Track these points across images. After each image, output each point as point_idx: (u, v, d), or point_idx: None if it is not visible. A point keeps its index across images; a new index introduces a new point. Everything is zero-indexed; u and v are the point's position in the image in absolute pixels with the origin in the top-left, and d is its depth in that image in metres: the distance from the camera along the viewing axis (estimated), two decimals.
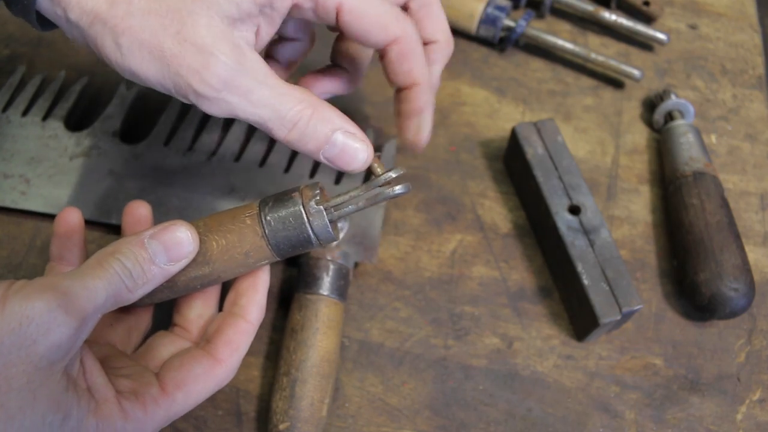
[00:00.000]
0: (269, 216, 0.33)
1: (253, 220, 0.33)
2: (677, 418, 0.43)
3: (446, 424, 0.42)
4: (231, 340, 0.36)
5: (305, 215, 0.33)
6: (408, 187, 0.33)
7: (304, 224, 0.33)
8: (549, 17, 0.61)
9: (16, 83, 0.53)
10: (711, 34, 0.61)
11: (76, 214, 0.37)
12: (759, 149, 0.55)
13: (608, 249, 0.44)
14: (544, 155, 0.48)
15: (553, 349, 0.45)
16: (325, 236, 0.33)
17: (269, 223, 0.33)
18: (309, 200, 0.33)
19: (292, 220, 0.33)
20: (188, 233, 0.33)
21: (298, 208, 0.33)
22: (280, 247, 0.33)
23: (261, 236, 0.33)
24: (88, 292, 0.29)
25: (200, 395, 0.35)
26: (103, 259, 0.31)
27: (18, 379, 0.27)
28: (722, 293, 0.43)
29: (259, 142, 0.51)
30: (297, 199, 0.33)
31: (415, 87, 0.37)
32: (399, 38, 0.35)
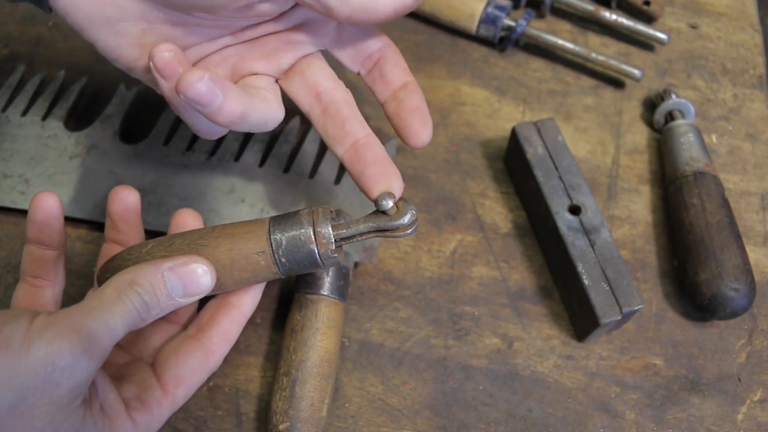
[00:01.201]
0: (278, 234, 0.33)
1: (262, 242, 0.33)
2: (678, 418, 0.43)
3: (446, 424, 0.42)
4: (225, 330, 0.36)
5: (315, 244, 0.33)
6: (415, 229, 0.34)
7: (313, 252, 0.33)
8: (549, 17, 0.61)
9: (15, 83, 0.53)
10: (711, 34, 0.61)
11: (134, 195, 0.38)
12: (760, 149, 0.54)
13: (608, 249, 0.44)
14: (544, 155, 0.48)
15: (554, 350, 0.45)
16: (331, 263, 0.34)
17: (279, 245, 0.33)
18: (320, 232, 0.33)
19: (301, 244, 0.33)
20: (208, 272, 0.33)
21: (308, 236, 0.33)
22: (285, 263, 0.34)
23: (269, 255, 0.33)
24: (110, 331, 0.30)
25: (197, 386, 0.36)
26: (122, 290, 0.31)
27: (41, 418, 0.28)
28: (723, 293, 0.43)
29: (259, 142, 0.51)
30: (307, 225, 0.33)
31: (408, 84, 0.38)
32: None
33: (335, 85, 0.38)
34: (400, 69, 0.39)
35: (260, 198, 0.48)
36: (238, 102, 0.32)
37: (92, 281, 0.45)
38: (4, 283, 0.45)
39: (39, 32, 0.57)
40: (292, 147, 0.51)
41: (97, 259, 0.40)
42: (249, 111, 0.33)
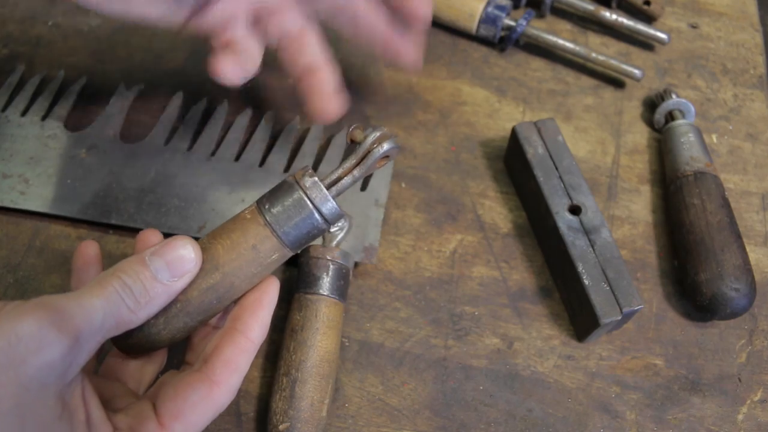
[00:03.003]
0: (267, 203, 0.33)
1: (253, 213, 0.33)
2: (678, 418, 0.43)
3: (446, 424, 0.42)
4: (230, 359, 0.33)
5: (302, 191, 0.32)
6: (395, 143, 0.33)
7: (303, 200, 0.32)
8: (549, 17, 0.61)
9: (15, 83, 0.53)
10: (712, 34, 0.61)
11: (93, 247, 0.36)
12: (760, 149, 0.54)
13: (609, 249, 0.44)
14: (544, 155, 0.47)
15: (554, 350, 0.45)
16: (330, 211, 0.33)
17: (269, 210, 0.32)
18: (303, 178, 0.33)
19: (291, 199, 0.32)
20: (190, 246, 0.32)
21: (293, 187, 0.32)
22: (286, 232, 0.32)
23: (264, 225, 0.32)
24: (84, 309, 0.28)
25: (200, 423, 0.32)
26: (102, 278, 0.30)
27: (6, 401, 0.25)
28: (723, 293, 0.43)
29: (259, 142, 0.51)
30: (291, 181, 0.33)
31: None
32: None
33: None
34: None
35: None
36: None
37: None
38: (4, 283, 0.45)
39: (39, 32, 0.57)
40: (292, 147, 0.51)
41: None
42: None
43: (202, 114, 0.52)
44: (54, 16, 0.58)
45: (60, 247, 0.47)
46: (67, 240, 0.47)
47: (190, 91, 0.54)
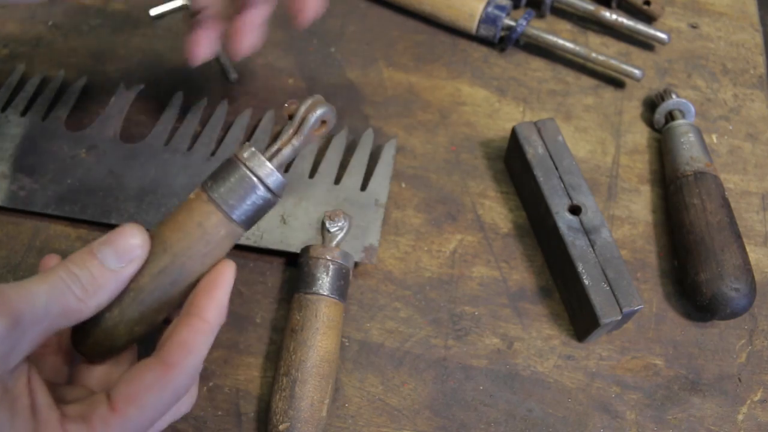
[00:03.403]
0: (210, 182, 0.33)
1: (197, 193, 0.33)
2: (678, 418, 0.43)
3: (446, 424, 0.42)
4: (184, 340, 0.31)
5: (241, 163, 0.32)
6: (328, 106, 0.33)
7: (243, 170, 0.32)
8: (549, 16, 0.61)
9: (15, 83, 0.53)
10: (712, 34, 0.61)
11: (56, 260, 0.34)
12: (760, 149, 0.54)
13: (609, 249, 0.44)
14: (544, 155, 0.47)
15: (554, 350, 0.45)
16: (273, 181, 0.33)
17: (212, 188, 0.32)
18: (241, 152, 0.33)
19: (231, 173, 0.32)
20: (137, 230, 0.31)
21: (233, 162, 0.33)
22: (231, 205, 0.32)
23: (207, 201, 0.32)
24: (24, 291, 0.27)
25: (157, 407, 0.30)
26: (50, 269, 0.29)
27: None
28: (723, 293, 0.43)
29: (259, 142, 0.51)
30: (231, 157, 0.33)
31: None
32: None
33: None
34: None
35: None
36: None
37: None
38: (3, 283, 0.45)
39: (39, 32, 0.57)
40: None
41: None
42: None
43: (202, 114, 0.52)
44: (54, 16, 0.58)
45: (60, 247, 0.47)
46: (67, 240, 0.47)
47: (190, 91, 0.54)
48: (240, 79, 0.55)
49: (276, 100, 0.55)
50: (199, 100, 0.53)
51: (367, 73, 0.57)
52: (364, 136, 0.52)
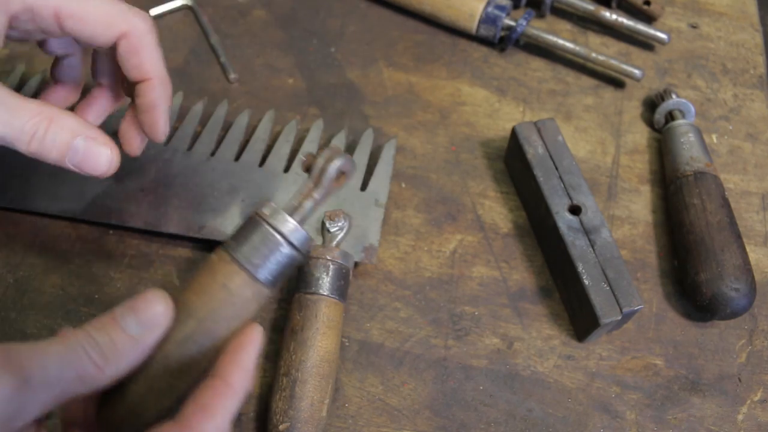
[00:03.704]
0: (233, 242, 0.31)
1: (219, 253, 0.31)
2: (678, 418, 0.43)
3: (446, 424, 0.42)
4: (205, 404, 0.29)
5: (263, 221, 0.31)
6: (345, 157, 0.32)
7: (265, 228, 0.31)
8: (549, 16, 0.61)
9: (15, 83, 0.53)
10: (712, 34, 0.61)
11: None
12: (760, 149, 0.54)
13: (609, 249, 0.44)
14: (544, 155, 0.47)
15: (554, 350, 0.45)
16: (296, 236, 0.32)
17: (234, 248, 0.31)
18: (262, 209, 0.32)
19: (254, 231, 0.31)
20: (159, 295, 0.29)
21: (255, 220, 0.31)
22: (255, 265, 0.31)
23: (230, 261, 0.31)
24: (37, 352, 0.26)
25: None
26: (68, 331, 0.28)
27: None
28: (723, 293, 0.43)
29: (259, 142, 0.51)
30: (252, 215, 0.32)
31: (148, 81, 0.36)
32: (126, 33, 0.35)
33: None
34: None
35: (260, 198, 0.48)
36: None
37: (91, 281, 0.45)
38: (4, 282, 0.45)
39: None
40: (292, 147, 0.51)
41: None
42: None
43: (202, 114, 0.52)
44: None
45: (60, 247, 0.47)
46: (67, 240, 0.47)
47: (190, 91, 0.54)
48: (240, 79, 0.55)
49: (276, 100, 0.55)
50: (199, 100, 0.53)
51: (367, 73, 0.57)
52: (364, 136, 0.52)
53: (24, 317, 0.44)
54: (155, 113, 0.37)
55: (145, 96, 0.37)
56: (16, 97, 0.33)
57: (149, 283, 0.46)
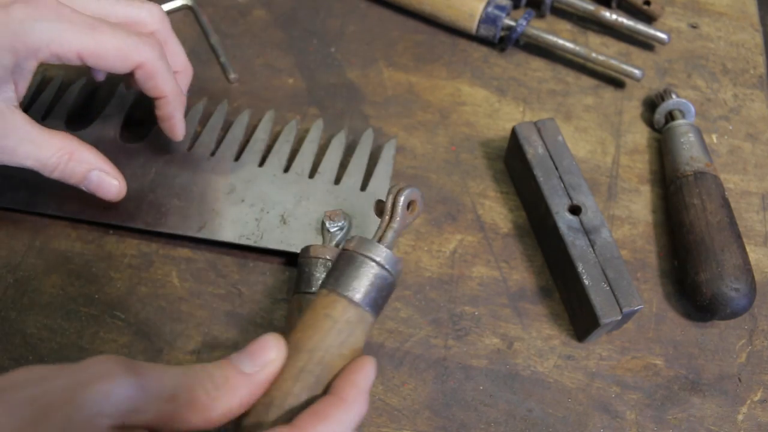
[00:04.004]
0: (329, 278, 0.34)
1: (317, 293, 0.34)
2: (678, 418, 0.43)
3: (446, 424, 0.42)
4: (318, 411, 0.30)
5: (351, 251, 0.34)
6: (411, 188, 0.35)
7: (354, 255, 0.33)
8: (549, 16, 0.61)
9: None
10: (712, 34, 0.61)
11: None
12: (760, 149, 0.54)
13: (609, 249, 0.44)
14: (544, 155, 0.47)
15: (554, 350, 0.45)
16: (385, 256, 0.33)
17: (328, 283, 0.33)
18: (350, 242, 0.34)
19: (344, 261, 0.33)
20: (271, 336, 0.31)
21: (342, 253, 0.34)
22: (352, 289, 0.33)
23: (328, 292, 0.33)
24: (156, 368, 0.28)
25: None
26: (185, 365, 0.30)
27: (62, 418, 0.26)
28: (723, 293, 0.43)
29: (259, 142, 0.51)
30: (340, 251, 0.34)
31: (164, 98, 0.44)
32: (141, 64, 0.41)
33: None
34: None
35: (260, 198, 0.48)
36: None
37: (91, 281, 0.45)
38: (4, 282, 0.45)
39: None
40: (292, 147, 0.51)
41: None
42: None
43: (202, 114, 0.52)
44: None
45: (60, 247, 0.47)
46: (67, 240, 0.47)
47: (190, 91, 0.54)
48: (240, 79, 0.55)
49: (276, 100, 0.55)
50: (199, 100, 0.53)
51: (367, 73, 0.57)
52: (364, 136, 0.52)
53: (24, 317, 0.44)
54: (172, 122, 0.45)
55: (163, 109, 0.44)
56: (43, 132, 0.39)
57: (149, 283, 0.46)
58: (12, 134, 0.37)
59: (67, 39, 0.38)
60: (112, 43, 0.39)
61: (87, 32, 0.38)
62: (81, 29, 0.38)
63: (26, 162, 0.39)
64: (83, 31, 0.38)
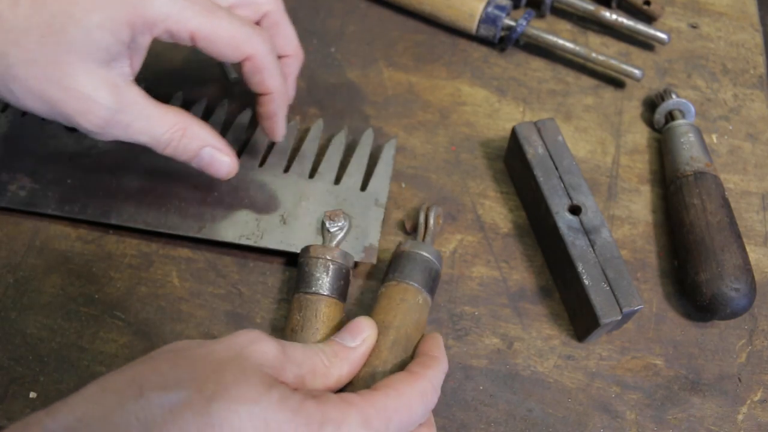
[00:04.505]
0: (389, 275, 0.43)
1: (386, 285, 0.42)
2: (678, 418, 0.43)
3: (446, 424, 0.42)
4: (422, 361, 0.37)
5: (406, 251, 0.43)
6: (435, 207, 0.46)
7: (411, 253, 0.43)
8: (549, 16, 0.61)
9: None
10: (712, 34, 0.61)
11: None
12: (760, 149, 0.54)
13: (609, 249, 0.44)
14: (544, 155, 0.47)
15: (554, 350, 0.45)
16: (430, 252, 0.43)
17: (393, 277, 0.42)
18: (401, 246, 0.44)
19: (403, 257, 0.43)
20: (363, 318, 0.39)
21: (397, 253, 0.44)
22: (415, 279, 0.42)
23: (398, 283, 0.42)
24: (287, 344, 0.34)
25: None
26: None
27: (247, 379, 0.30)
28: (723, 293, 0.43)
29: (259, 143, 0.51)
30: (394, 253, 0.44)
31: (269, 95, 0.43)
32: (251, 56, 0.40)
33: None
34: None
35: (260, 198, 0.48)
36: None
37: (91, 281, 0.45)
38: (4, 282, 0.45)
39: None
40: (292, 147, 0.51)
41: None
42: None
43: (202, 114, 0.52)
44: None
45: (60, 247, 0.47)
46: (67, 240, 0.47)
47: (190, 91, 0.54)
48: (240, 79, 0.55)
49: None
50: (199, 100, 0.53)
51: (367, 73, 0.57)
52: (364, 136, 0.52)
53: (24, 317, 0.44)
54: (274, 120, 0.45)
55: (266, 106, 0.44)
56: (157, 107, 0.38)
57: (149, 283, 0.46)
58: (127, 109, 0.37)
59: (185, 17, 0.37)
60: (227, 30, 0.38)
61: (204, 14, 0.37)
62: (199, 10, 0.37)
63: (140, 137, 0.38)
64: (201, 13, 0.37)
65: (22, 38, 0.34)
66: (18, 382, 0.42)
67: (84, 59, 0.35)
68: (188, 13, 0.37)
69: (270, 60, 0.41)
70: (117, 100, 0.36)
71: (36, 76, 0.35)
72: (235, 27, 0.39)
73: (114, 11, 0.35)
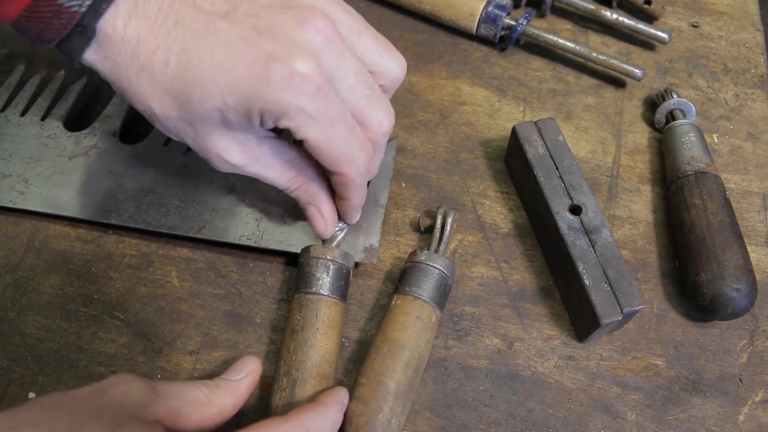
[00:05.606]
0: (403, 287, 0.43)
1: (399, 297, 0.43)
2: (679, 419, 0.43)
3: (446, 425, 0.42)
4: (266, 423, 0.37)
5: (422, 263, 0.43)
6: (453, 212, 0.46)
7: (426, 267, 0.43)
8: (550, 16, 0.61)
9: (15, 82, 0.53)
10: (713, 33, 0.61)
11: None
12: (761, 149, 0.54)
13: (609, 249, 0.44)
14: (544, 155, 0.47)
15: (554, 350, 0.45)
16: (443, 265, 0.43)
17: (408, 290, 0.42)
18: (416, 257, 0.43)
19: (419, 272, 0.43)
20: (251, 357, 0.40)
21: (411, 264, 0.43)
22: (431, 296, 0.42)
23: (414, 299, 0.42)
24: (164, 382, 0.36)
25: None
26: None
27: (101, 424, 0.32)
28: (724, 293, 0.43)
29: None
30: (407, 264, 0.44)
31: (342, 201, 0.44)
32: (343, 175, 0.40)
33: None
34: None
35: (260, 198, 0.48)
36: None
37: (90, 281, 0.45)
38: (3, 282, 0.45)
39: None
40: None
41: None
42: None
43: None
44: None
45: (59, 247, 0.47)
46: (66, 240, 0.47)
47: None
48: None
49: None
50: None
51: None
52: None
53: (23, 317, 0.44)
54: (344, 203, 0.44)
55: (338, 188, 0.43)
56: (280, 164, 0.42)
57: (148, 283, 0.46)
58: (255, 163, 0.40)
59: (307, 125, 0.36)
60: (337, 148, 0.38)
61: (326, 126, 0.37)
62: (324, 122, 0.36)
63: (267, 181, 0.42)
64: (323, 125, 0.37)
65: (164, 97, 0.36)
66: (17, 382, 0.42)
67: (217, 127, 0.38)
68: (313, 123, 0.36)
69: (359, 183, 0.41)
70: (245, 157, 0.40)
71: (175, 126, 0.38)
72: (346, 146, 0.38)
73: (250, 99, 0.35)
